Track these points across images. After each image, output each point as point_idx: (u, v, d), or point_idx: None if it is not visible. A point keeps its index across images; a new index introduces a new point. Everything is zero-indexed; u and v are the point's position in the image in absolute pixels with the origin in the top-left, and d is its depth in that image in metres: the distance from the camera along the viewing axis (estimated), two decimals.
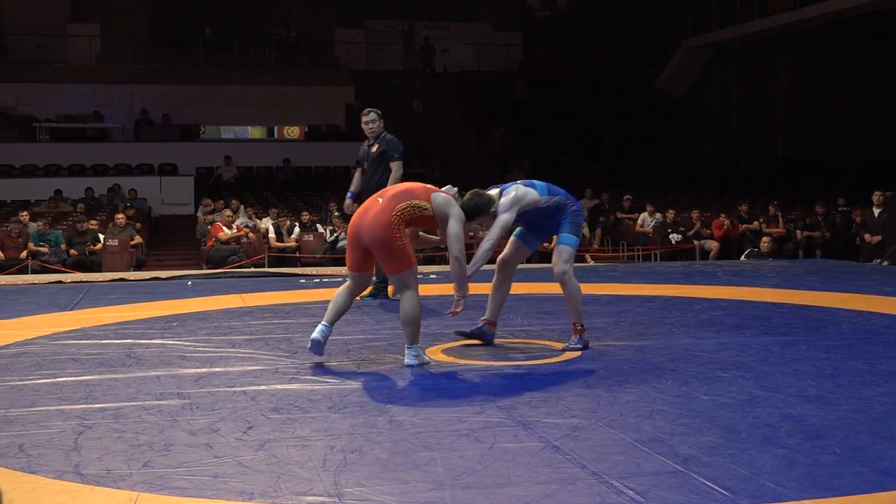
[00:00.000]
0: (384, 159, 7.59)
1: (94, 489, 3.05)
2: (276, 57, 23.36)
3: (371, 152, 7.67)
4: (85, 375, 4.82)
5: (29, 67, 21.66)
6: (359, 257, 5.06)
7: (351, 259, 5.11)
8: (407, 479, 3.12)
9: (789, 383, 4.50)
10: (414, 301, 4.93)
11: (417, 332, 5.01)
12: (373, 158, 7.65)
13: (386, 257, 4.92)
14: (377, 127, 7.67)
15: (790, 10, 20.12)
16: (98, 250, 12.91)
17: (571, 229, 5.55)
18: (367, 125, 7.69)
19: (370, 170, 7.66)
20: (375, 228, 4.89)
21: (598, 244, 15.04)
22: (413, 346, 5.00)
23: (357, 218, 5.01)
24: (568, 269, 5.52)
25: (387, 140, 7.66)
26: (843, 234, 14.98)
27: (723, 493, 2.94)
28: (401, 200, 4.96)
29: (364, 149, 7.78)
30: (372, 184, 7.49)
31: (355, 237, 5.00)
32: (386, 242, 4.87)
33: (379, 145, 7.63)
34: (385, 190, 5.18)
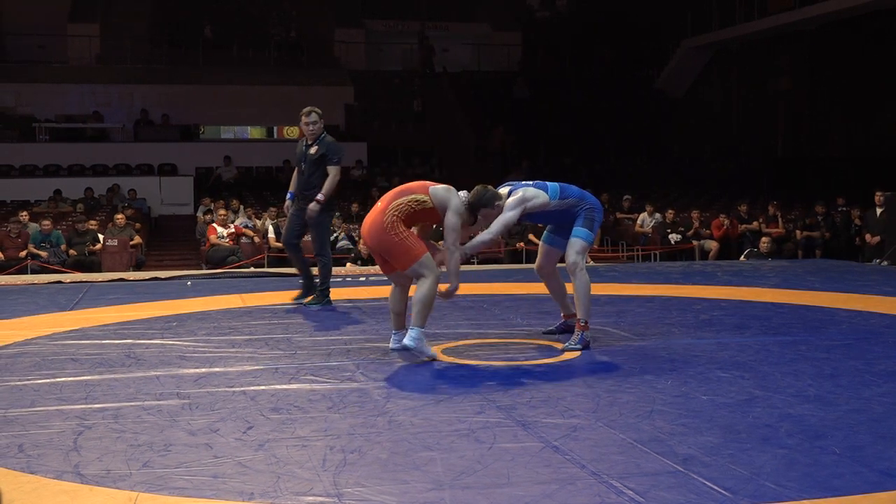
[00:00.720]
0: (323, 162, 7.30)
1: (94, 489, 3.06)
2: (275, 57, 23.37)
3: (309, 154, 7.36)
4: (85, 375, 4.82)
5: (29, 67, 21.67)
6: (381, 261, 5.15)
7: (379, 264, 5.22)
8: (407, 479, 3.12)
9: (789, 383, 4.50)
10: (432, 284, 5.01)
11: (426, 314, 5.06)
12: (311, 160, 7.33)
13: (391, 256, 5.02)
14: (318, 128, 7.39)
15: (790, 10, 20.11)
16: (98, 250, 12.91)
17: (585, 223, 5.56)
18: (307, 125, 7.38)
19: (307, 172, 7.35)
20: (373, 232, 5.03)
21: (598, 244, 15.03)
22: (416, 329, 5.03)
23: (363, 225, 5.16)
24: (579, 261, 5.50)
25: (327, 143, 7.36)
26: (842, 234, 14.98)
27: (722, 493, 2.94)
28: (395, 198, 5.05)
29: (301, 149, 7.46)
30: (309, 186, 7.31)
31: (365, 240, 5.16)
32: (384, 242, 4.97)
33: (318, 147, 7.32)
34: (390, 193, 5.22)
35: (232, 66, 22.24)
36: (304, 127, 7.43)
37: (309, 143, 7.41)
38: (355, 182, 18.76)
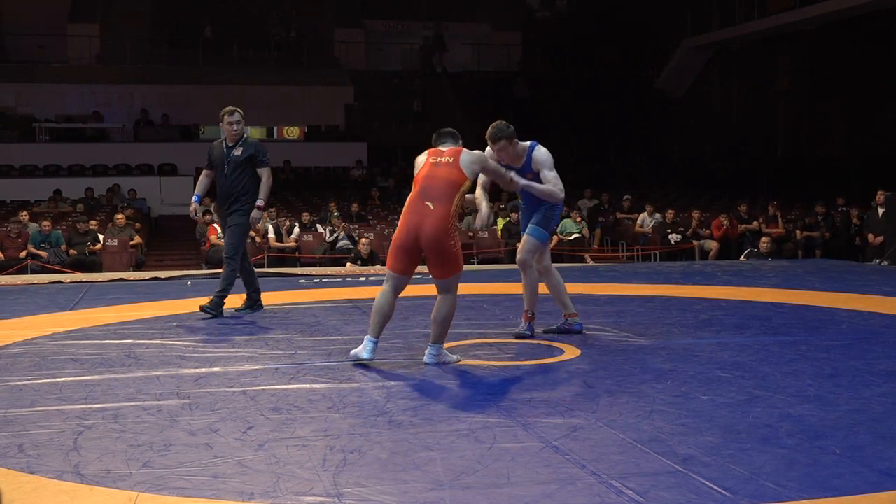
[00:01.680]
0: (250, 164, 6.96)
1: (94, 489, 3.06)
2: (275, 57, 23.38)
3: (234, 155, 6.96)
4: (85, 375, 4.82)
5: (29, 67, 21.67)
6: (408, 261, 4.98)
7: (401, 262, 4.98)
8: (407, 479, 3.12)
9: (789, 383, 4.50)
10: (453, 303, 5.01)
11: (446, 333, 5.07)
12: (237, 162, 6.95)
13: (441, 262, 4.93)
14: (241, 128, 7.05)
15: (790, 10, 20.11)
16: (98, 250, 12.91)
17: (542, 221, 5.73)
18: (231, 126, 7.00)
19: (232, 174, 6.95)
20: (437, 235, 4.85)
21: (598, 244, 15.04)
22: (437, 346, 5.04)
23: (413, 223, 4.89)
24: (529, 259, 5.72)
25: (253, 143, 7.08)
26: (842, 234, 14.98)
27: (722, 493, 2.94)
28: (451, 199, 4.93)
29: (220, 150, 7.05)
30: (235, 189, 6.94)
31: (413, 242, 4.90)
32: (443, 248, 4.88)
33: (244, 148, 6.98)
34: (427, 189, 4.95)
35: (232, 66, 22.24)
36: (226, 127, 7.03)
37: (231, 144, 7.02)
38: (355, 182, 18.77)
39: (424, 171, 5.06)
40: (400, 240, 4.96)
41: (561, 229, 14.33)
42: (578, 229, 14.37)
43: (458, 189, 4.97)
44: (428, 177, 5.01)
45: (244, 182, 6.96)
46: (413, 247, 4.92)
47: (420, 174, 5.07)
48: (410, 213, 4.94)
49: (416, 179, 5.09)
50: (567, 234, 14.29)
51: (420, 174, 5.07)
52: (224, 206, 7.06)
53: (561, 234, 14.25)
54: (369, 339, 4.97)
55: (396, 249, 4.98)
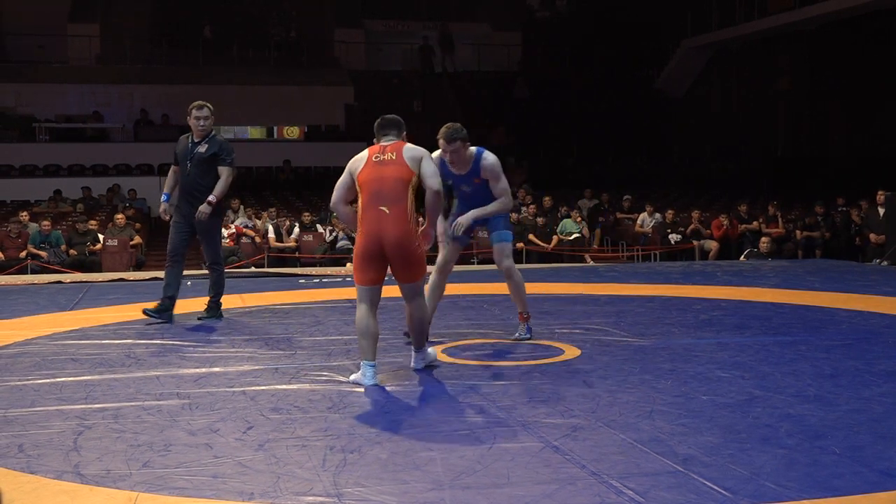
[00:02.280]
0: (214, 162, 6.67)
1: (94, 489, 3.06)
2: (275, 57, 23.37)
3: (198, 152, 6.67)
4: (85, 375, 4.82)
5: (29, 67, 21.66)
6: (377, 268, 4.70)
7: (369, 272, 4.68)
8: (407, 479, 3.12)
9: (789, 383, 4.50)
10: (425, 305, 4.91)
11: (427, 335, 5.00)
12: (201, 159, 6.65)
13: (409, 266, 4.70)
14: (209, 125, 6.73)
15: (790, 10, 20.11)
16: (98, 250, 12.91)
17: (506, 223, 5.72)
18: (199, 120, 6.66)
19: (196, 172, 6.66)
20: (404, 240, 4.62)
21: (598, 244, 15.04)
22: (422, 350, 4.97)
23: (373, 231, 4.62)
24: (512, 264, 5.70)
25: (218, 141, 6.76)
26: (842, 234, 14.97)
27: (722, 493, 2.94)
28: (405, 199, 4.65)
29: (186, 146, 6.74)
30: (198, 187, 6.64)
31: (377, 250, 4.63)
32: (409, 252, 4.65)
33: (209, 146, 6.67)
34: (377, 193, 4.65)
35: (232, 66, 22.23)
36: (192, 122, 6.71)
37: (197, 140, 6.72)
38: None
39: (367, 172, 4.69)
40: (363, 250, 4.66)
41: (561, 229, 14.33)
42: (578, 229, 14.37)
43: (408, 186, 4.66)
44: (375, 179, 4.66)
45: (208, 181, 6.66)
46: (378, 254, 4.64)
47: (363, 177, 4.69)
48: (367, 222, 4.64)
49: (359, 183, 4.71)
50: (567, 234, 14.29)
51: (363, 177, 4.69)
52: (185, 204, 6.71)
53: (561, 234, 14.25)
54: (368, 365, 4.62)
55: (362, 261, 4.66)
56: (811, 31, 21.20)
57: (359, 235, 4.70)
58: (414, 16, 25.52)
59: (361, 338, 4.67)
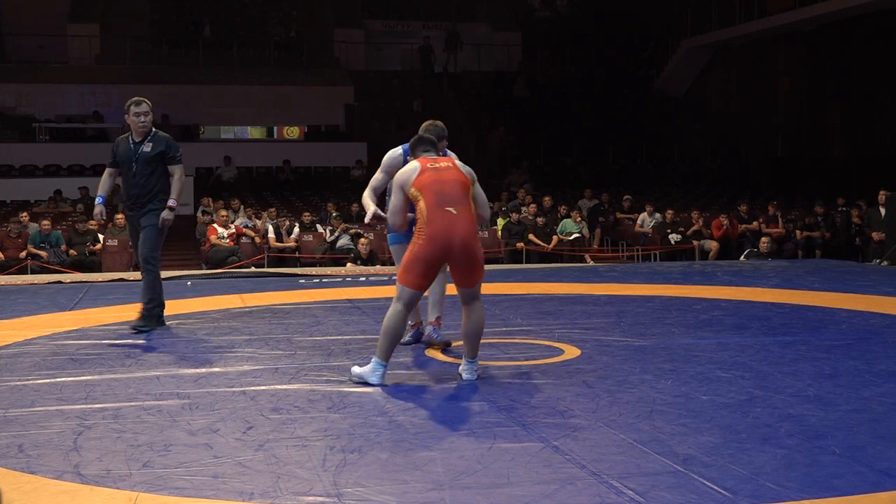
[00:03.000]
0: (162, 161, 6.32)
1: (94, 489, 3.06)
2: (275, 57, 23.36)
3: (144, 152, 6.28)
4: (85, 375, 4.82)
5: (29, 67, 21.66)
6: (434, 276, 4.63)
7: (428, 278, 4.59)
8: (407, 479, 3.12)
9: (789, 383, 4.50)
10: (482, 310, 4.72)
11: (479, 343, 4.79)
12: (147, 159, 6.28)
13: (474, 268, 4.60)
14: (150, 122, 6.36)
15: (790, 10, 20.10)
16: (98, 250, 12.91)
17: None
18: (139, 117, 6.29)
19: (142, 172, 6.28)
20: (473, 239, 4.54)
21: (598, 244, 15.04)
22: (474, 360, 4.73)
23: (442, 233, 4.48)
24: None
25: (164, 138, 6.38)
26: (842, 234, 14.97)
27: (722, 493, 2.94)
28: (469, 202, 4.63)
29: (126, 146, 6.37)
30: (146, 189, 6.27)
31: (443, 254, 4.51)
32: (477, 252, 4.59)
33: (154, 144, 6.31)
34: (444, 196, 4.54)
35: (232, 66, 22.23)
36: (132, 119, 6.32)
37: (138, 139, 6.35)
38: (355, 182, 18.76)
39: (426, 177, 4.58)
40: (427, 253, 4.48)
41: (561, 229, 14.33)
42: (578, 229, 14.37)
43: (468, 192, 4.66)
44: (435, 181, 4.56)
45: (155, 181, 6.30)
46: (443, 258, 4.51)
47: (421, 182, 4.56)
48: (435, 224, 4.47)
49: (418, 188, 4.57)
50: (567, 234, 14.29)
51: (421, 182, 4.56)
52: (133, 207, 6.38)
53: (561, 234, 14.25)
54: (381, 364, 4.53)
55: (423, 265, 4.50)
56: (811, 31, 21.19)
57: (423, 239, 4.49)
58: (414, 16, 25.51)
59: (385, 338, 4.53)
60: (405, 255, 4.60)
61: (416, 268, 4.52)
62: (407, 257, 4.57)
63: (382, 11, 25.67)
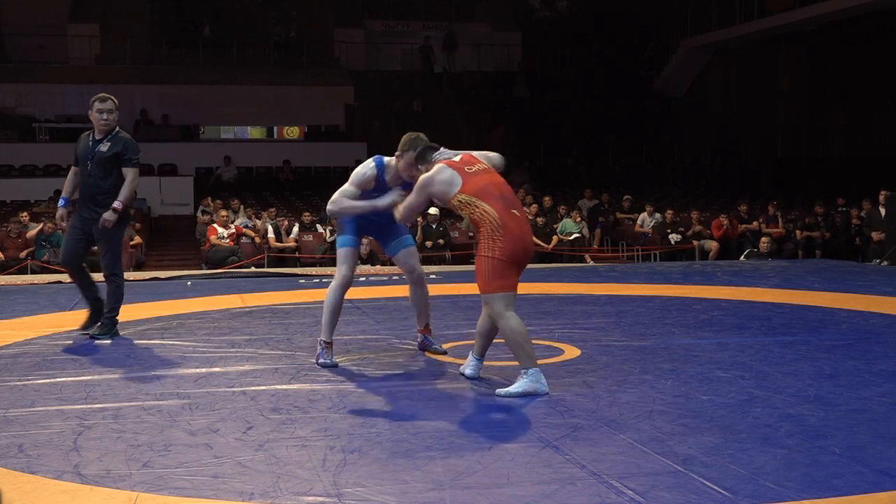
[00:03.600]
0: (117, 162, 5.95)
1: (94, 489, 3.06)
2: (275, 57, 23.36)
3: (100, 151, 5.94)
4: (85, 375, 4.82)
5: (29, 67, 21.66)
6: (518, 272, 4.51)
7: (516, 277, 4.46)
8: (407, 479, 3.12)
9: (789, 383, 4.50)
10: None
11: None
12: (102, 159, 5.93)
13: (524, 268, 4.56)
14: (113, 120, 5.99)
15: (790, 10, 20.10)
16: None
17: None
18: (101, 114, 5.93)
19: (98, 173, 5.94)
20: (532, 241, 4.57)
21: (598, 244, 15.04)
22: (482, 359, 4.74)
23: (520, 233, 4.43)
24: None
25: (123, 139, 6.00)
26: (842, 234, 14.97)
27: (722, 493, 2.94)
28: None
29: (86, 143, 6.04)
30: (100, 190, 5.95)
31: (525, 255, 4.47)
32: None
33: (112, 144, 5.96)
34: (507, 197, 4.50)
35: (232, 66, 22.23)
36: (95, 116, 5.97)
37: (98, 137, 6.00)
38: None
39: (476, 181, 4.48)
40: (510, 254, 4.36)
41: (561, 229, 14.33)
42: (578, 229, 14.37)
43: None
44: (493, 184, 4.50)
45: (111, 182, 5.96)
46: (521, 259, 4.43)
47: (474, 186, 4.45)
48: (510, 225, 4.38)
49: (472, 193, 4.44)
50: (567, 234, 14.29)
51: (474, 186, 4.45)
52: (84, 208, 6.06)
53: (561, 234, 14.25)
54: (534, 371, 4.34)
55: (509, 266, 4.36)
56: (811, 31, 21.19)
57: (505, 242, 4.35)
58: (414, 16, 25.50)
59: (525, 343, 4.35)
60: (486, 266, 4.38)
61: (502, 271, 4.37)
62: (488, 266, 4.38)
63: (382, 11, 25.66)
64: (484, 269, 4.39)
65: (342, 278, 5.18)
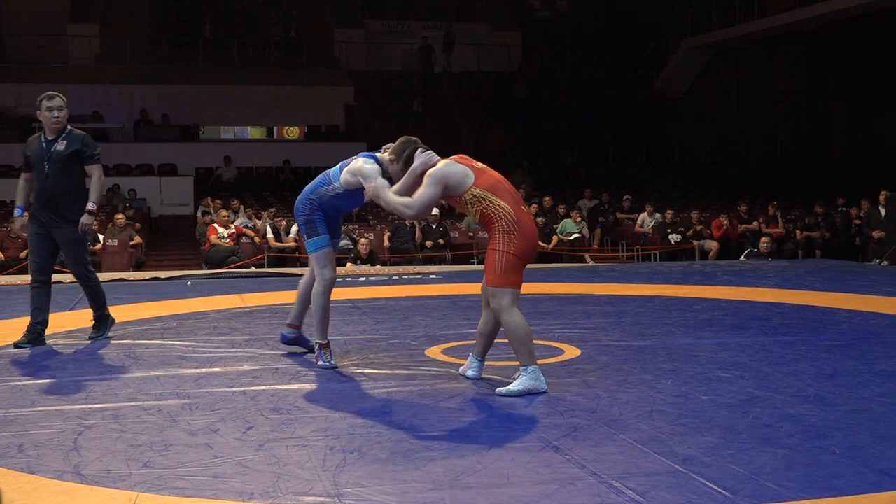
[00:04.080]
0: (77, 160, 5.79)
1: (94, 489, 3.05)
2: (275, 57, 23.37)
3: (56, 150, 5.78)
4: (85, 375, 4.82)
5: (29, 67, 21.66)
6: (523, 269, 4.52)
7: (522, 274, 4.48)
8: (407, 479, 3.12)
9: (789, 383, 4.50)
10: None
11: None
12: (61, 158, 5.76)
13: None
14: (64, 117, 5.83)
15: (789, 10, 20.12)
16: (97, 250, 12.90)
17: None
18: (52, 112, 5.79)
19: (57, 174, 5.76)
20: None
21: (598, 244, 15.04)
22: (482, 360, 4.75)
23: (532, 231, 4.46)
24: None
25: (79, 136, 5.84)
26: (842, 234, 14.97)
27: (722, 493, 2.94)
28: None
29: (39, 146, 5.91)
30: (61, 191, 5.76)
31: (535, 248, 4.51)
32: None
33: (69, 142, 5.79)
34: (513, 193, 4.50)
35: (232, 66, 22.24)
36: (45, 115, 5.84)
37: (51, 137, 5.85)
38: None
39: (487, 177, 4.48)
40: (524, 250, 4.39)
41: (561, 229, 14.34)
42: (578, 229, 14.37)
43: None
44: (502, 181, 4.53)
45: (73, 183, 5.80)
46: (532, 256, 4.48)
47: (487, 181, 4.46)
48: (525, 222, 4.41)
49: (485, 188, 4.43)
50: (567, 234, 14.29)
51: (487, 181, 4.46)
52: (44, 212, 5.82)
53: (561, 234, 14.25)
54: (533, 368, 4.38)
55: (521, 262, 4.40)
56: (811, 31, 21.20)
57: (519, 237, 4.36)
58: (414, 16, 25.51)
59: (523, 342, 4.36)
60: (499, 260, 4.36)
61: (516, 266, 4.39)
62: (503, 260, 4.36)
63: (382, 11, 25.68)
64: (497, 263, 4.39)
65: (328, 281, 5.10)
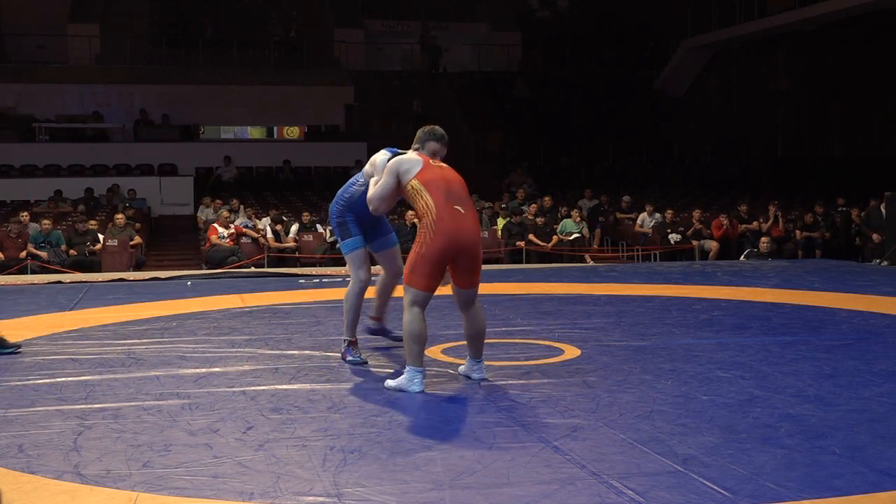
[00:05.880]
0: None
1: (94, 489, 3.05)
2: (275, 57, 23.37)
3: None
4: (85, 375, 4.82)
5: (29, 67, 21.66)
6: (441, 275, 4.48)
7: (436, 279, 4.44)
8: (407, 479, 3.12)
9: (789, 383, 4.50)
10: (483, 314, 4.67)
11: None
12: None
13: (475, 268, 4.52)
14: None
15: (789, 11, 20.12)
16: (97, 250, 12.91)
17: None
18: None
19: None
20: (476, 240, 4.49)
21: (598, 244, 15.04)
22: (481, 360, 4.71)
23: (453, 230, 4.38)
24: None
25: None
26: (842, 234, 14.97)
27: (722, 493, 2.94)
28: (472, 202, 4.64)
29: None
30: None
31: (453, 253, 4.40)
32: (480, 255, 4.56)
33: None
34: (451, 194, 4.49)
35: (232, 66, 22.24)
36: None
37: None
38: None
39: (430, 173, 4.53)
40: (438, 252, 4.36)
41: (561, 229, 14.33)
42: (578, 229, 14.37)
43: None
44: (440, 178, 4.51)
45: None
46: (451, 259, 4.40)
47: (426, 176, 4.50)
48: (445, 221, 4.36)
49: (422, 182, 4.49)
50: (567, 234, 14.29)
51: (426, 176, 4.50)
52: None
53: (561, 234, 14.25)
54: (417, 371, 4.39)
55: (433, 265, 4.37)
56: (811, 31, 21.20)
57: (434, 237, 4.36)
58: (414, 16, 25.51)
59: (413, 343, 4.37)
60: (411, 256, 4.44)
61: (424, 267, 4.39)
62: (414, 258, 4.41)
63: (382, 11, 25.68)
64: (411, 260, 4.46)
65: (363, 282, 5.19)
